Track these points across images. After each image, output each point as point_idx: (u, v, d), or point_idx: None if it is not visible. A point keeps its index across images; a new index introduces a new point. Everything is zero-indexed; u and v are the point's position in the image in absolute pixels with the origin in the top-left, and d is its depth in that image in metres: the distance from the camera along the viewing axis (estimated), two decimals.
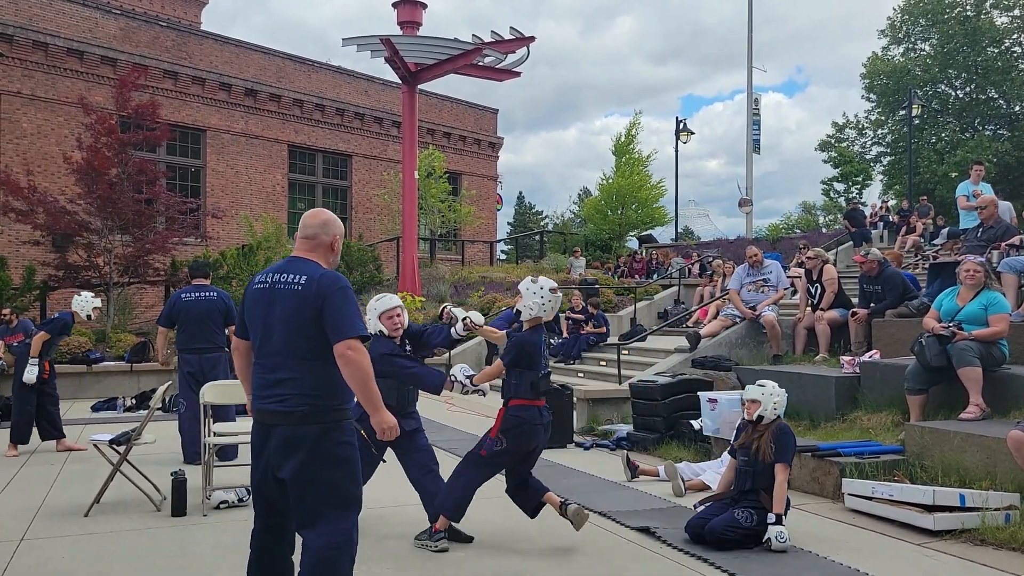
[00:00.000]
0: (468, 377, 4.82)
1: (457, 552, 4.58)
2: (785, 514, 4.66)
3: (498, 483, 6.34)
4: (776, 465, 4.71)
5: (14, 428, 7.66)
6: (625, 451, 7.04)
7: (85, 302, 7.81)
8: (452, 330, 5.03)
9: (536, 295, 4.64)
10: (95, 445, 5.72)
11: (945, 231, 15.93)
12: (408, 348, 4.93)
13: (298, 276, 3.11)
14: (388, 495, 5.63)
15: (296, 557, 3.33)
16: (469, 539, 4.85)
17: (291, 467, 3.05)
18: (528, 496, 4.83)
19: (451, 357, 13.61)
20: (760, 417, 4.84)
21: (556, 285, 4.76)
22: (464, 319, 4.97)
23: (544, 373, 4.69)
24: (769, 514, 4.61)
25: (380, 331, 4.80)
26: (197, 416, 6.24)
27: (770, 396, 4.86)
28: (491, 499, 5.84)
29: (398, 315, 4.84)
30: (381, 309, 4.87)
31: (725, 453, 5.79)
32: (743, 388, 6.54)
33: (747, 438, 4.89)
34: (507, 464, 4.73)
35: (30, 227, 14.06)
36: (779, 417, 4.89)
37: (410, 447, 4.93)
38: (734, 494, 4.85)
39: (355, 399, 3.20)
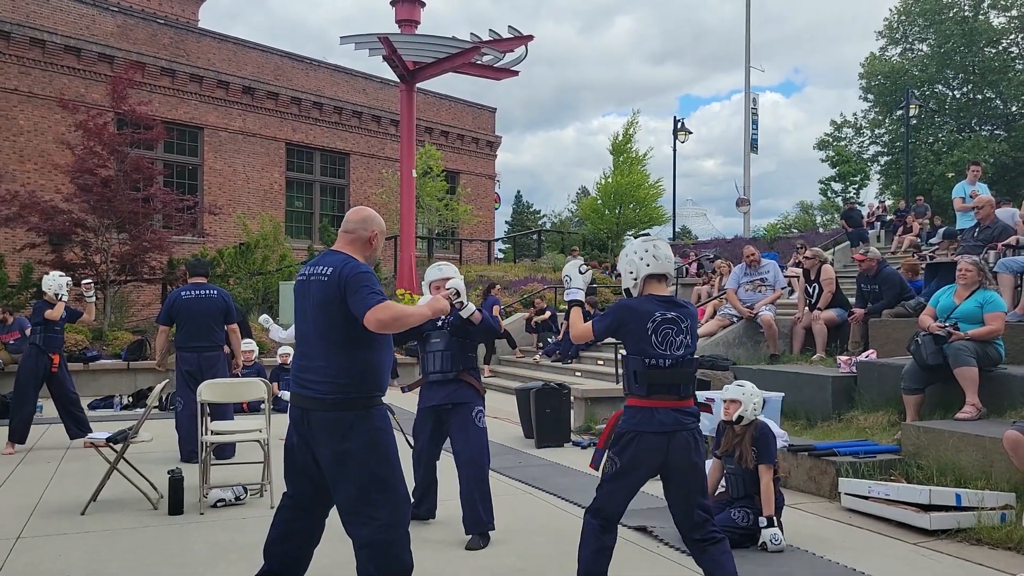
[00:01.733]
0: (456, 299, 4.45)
1: (456, 552, 4.57)
2: (779, 514, 4.66)
3: (497, 483, 6.34)
4: (759, 467, 4.67)
5: (13, 427, 7.62)
6: None
7: (51, 280, 7.82)
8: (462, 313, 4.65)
9: (627, 256, 3.58)
10: (92, 443, 5.72)
11: (941, 231, 15.96)
12: (441, 322, 4.75)
13: (326, 268, 3.26)
14: None
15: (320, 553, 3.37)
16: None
17: (326, 452, 3.16)
18: (709, 565, 3.45)
19: None
20: (740, 417, 4.79)
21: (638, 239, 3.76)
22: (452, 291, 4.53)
23: (659, 361, 3.40)
24: (761, 517, 4.59)
25: None
26: (194, 414, 6.24)
27: (750, 396, 4.80)
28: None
29: (446, 289, 4.64)
30: (430, 278, 4.91)
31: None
32: None
33: (728, 444, 4.83)
34: (632, 485, 3.51)
35: (24, 229, 14.00)
36: (757, 418, 4.84)
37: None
38: (728, 499, 4.85)
39: (386, 387, 3.31)
